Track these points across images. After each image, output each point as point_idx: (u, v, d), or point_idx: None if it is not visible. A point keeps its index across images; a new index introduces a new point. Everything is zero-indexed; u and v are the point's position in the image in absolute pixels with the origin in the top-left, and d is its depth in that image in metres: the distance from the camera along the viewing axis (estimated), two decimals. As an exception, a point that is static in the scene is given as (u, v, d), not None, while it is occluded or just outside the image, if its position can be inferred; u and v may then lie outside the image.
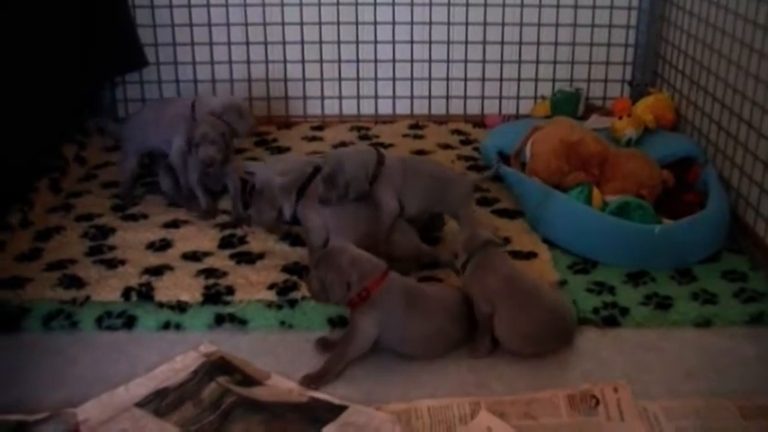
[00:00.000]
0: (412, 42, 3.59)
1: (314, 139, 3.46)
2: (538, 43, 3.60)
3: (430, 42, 3.59)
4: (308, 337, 2.20)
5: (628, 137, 3.06)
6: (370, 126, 3.57)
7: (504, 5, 3.53)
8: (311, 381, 2.03)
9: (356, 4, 3.53)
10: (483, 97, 3.67)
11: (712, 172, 2.80)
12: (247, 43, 3.56)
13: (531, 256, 2.55)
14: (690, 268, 2.50)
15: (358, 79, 3.64)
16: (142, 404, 1.95)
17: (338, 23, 3.55)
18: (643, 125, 3.11)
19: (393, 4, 3.54)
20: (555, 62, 3.62)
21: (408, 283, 2.16)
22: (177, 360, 2.10)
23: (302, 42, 3.57)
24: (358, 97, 3.66)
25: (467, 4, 3.53)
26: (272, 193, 2.49)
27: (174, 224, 2.75)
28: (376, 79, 3.64)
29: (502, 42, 3.59)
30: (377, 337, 2.08)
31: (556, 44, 3.60)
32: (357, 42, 3.58)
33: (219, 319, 2.27)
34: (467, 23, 3.56)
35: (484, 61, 3.62)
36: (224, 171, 2.79)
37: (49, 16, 2.95)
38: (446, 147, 3.33)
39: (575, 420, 1.92)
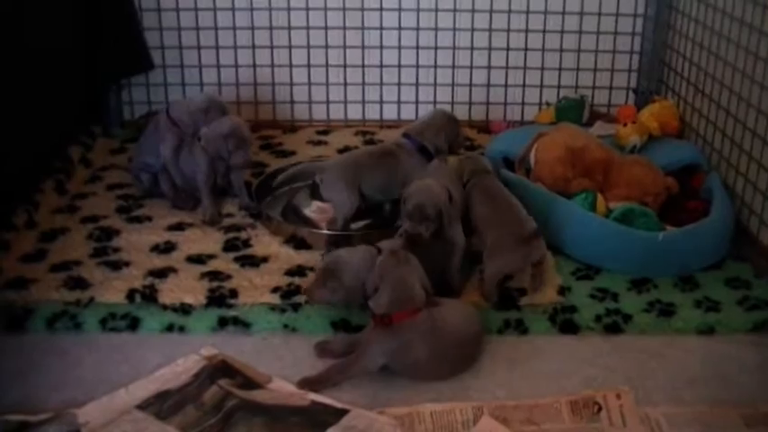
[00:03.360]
0: (417, 48, 3.59)
1: (319, 143, 3.47)
2: (543, 50, 3.60)
3: (435, 48, 3.59)
4: (311, 340, 2.20)
5: (632, 144, 3.05)
6: (375, 131, 3.57)
7: (509, 12, 3.53)
8: (308, 384, 2.03)
9: (362, 9, 3.53)
10: (488, 103, 3.67)
11: (717, 179, 2.80)
12: (253, 47, 3.57)
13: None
14: (693, 276, 2.50)
15: (363, 84, 3.64)
16: (143, 407, 1.95)
17: (344, 28, 3.55)
18: (648, 132, 3.10)
19: (399, 10, 3.54)
20: (560, 69, 3.62)
21: (436, 323, 2.08)
22: (178, 363, 2.10)
23: (308, 47, 3.57)
24: (363, 102, 3.67)
25: (472, 10, 3.53)
26: (355, 281, 2.22)
27: (179, 227, 2.75)
28: (381, 84, 3.64)
29: (507, 49, 3.59)
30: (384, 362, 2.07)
31: (561, 51, 3.60)
32: (363, 47, 3.58)
33: (223, 322, 2.28)
34: (472, 29, 3.56)
35: (489, 67, 3.62)
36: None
37: (56, 17, 2.96)
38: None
39: (577, 426, 1.92)
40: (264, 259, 2.56)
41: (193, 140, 2.83)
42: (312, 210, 2.82)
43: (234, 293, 2.37)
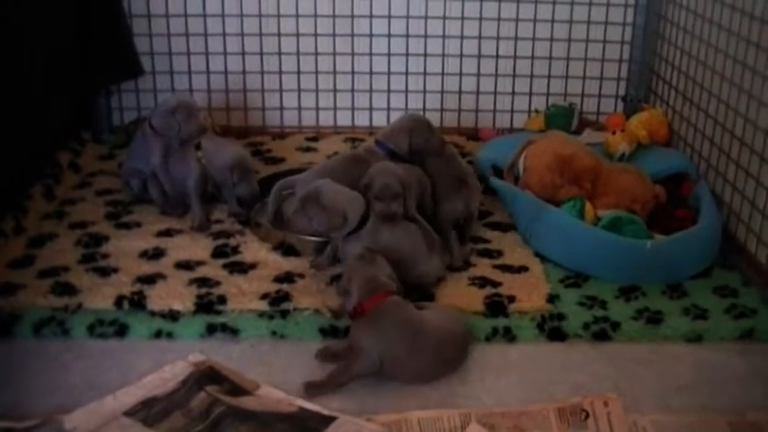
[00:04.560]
0: (407, 55, 3.60)
1: (308, 149, 3.47)
2: (532, 57, 3.61)
3: (425, 55, 3.60)
4: (299, 347, 2.21)
5: (621, 152, 3.07)
6: (364, 138, 3.57)
7: (499, 19, 3.55)
8: (312, 388, 2.03)
9: (352, 16, 3.54)
10: (477, 110, 3.68)
11: (705, 188, 2.81)
12: (243, 53, 3.57)
13: (522, 269, 2.55)
14: (681, 283, 2.51)
15: (353, 91, 3.64)
16: (130, 413, 1.94)
17: (334, 35, 3.56)
18: (636, 140, 3.12)
19: (389, 17, 3.55)
20: (549, 76, 3.63)
21: (412, 315, 2.11)
22: (166, 369, 2.10)
23: (298, 53, 3.58)
24: (353, 109, 3.67)
25: (462, 18, 3.54)
26: (334, 203, 2.37)
27: (168, 233, 2.74)
28: (371, 91, 3.65)
29: (497, 56, 3.60)
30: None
31: (550, 59, 3.61)
32: (353, 54, 3.59)
33: (211, 329, 2.27)
34: (462, 37, 3.57)
35: (478, 75, 3.63)
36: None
37: (45, 23, 2.95)
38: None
39: (565, 434, 1.93)
40: (253, 266, 2.56)
41: (185, 146, 2.82)
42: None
43: (222, 300, 2.36)
